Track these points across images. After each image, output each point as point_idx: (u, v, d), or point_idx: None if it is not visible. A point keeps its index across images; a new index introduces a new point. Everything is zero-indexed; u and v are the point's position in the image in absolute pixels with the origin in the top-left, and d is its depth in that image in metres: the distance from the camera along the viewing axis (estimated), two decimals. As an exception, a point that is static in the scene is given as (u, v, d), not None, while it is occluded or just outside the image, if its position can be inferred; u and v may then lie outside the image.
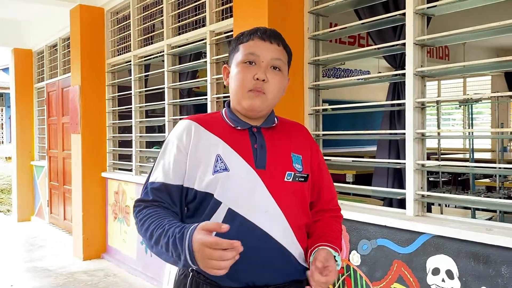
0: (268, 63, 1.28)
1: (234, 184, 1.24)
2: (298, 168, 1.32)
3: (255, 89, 1.27)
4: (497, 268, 1.90)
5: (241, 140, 1.30)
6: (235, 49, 1.33)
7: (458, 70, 2.35)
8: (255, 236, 1.23)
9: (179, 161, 1.27)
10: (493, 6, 2.28)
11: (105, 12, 4.96)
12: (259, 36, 1.30)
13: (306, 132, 1.46)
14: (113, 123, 4.95)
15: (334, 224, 1.40)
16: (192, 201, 1.28)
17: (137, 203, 1.29)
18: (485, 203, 2.13)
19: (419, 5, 2.23)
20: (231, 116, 1.34)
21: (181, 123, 1.35)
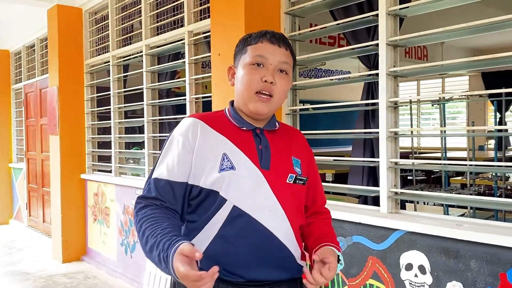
0: (276, 66, 1.30)
1: (239, 182, 1.27)
2: (298, 171, 1.36)
3: (262, 91, 1.29)
4: (467, 262, 1.96)
5: (246, 140, 1.33)
6: (242, 50, 1.35)
7: (430, 70, 2.40)
8: (259, 234, 1.26)
9: (184, 159, 1.28)
10: (470, 6, 2.33)
11: (83, 12, 4.92)
12: (268, 39, 1.32)
13: (303, 138, 1.50)
14: (92, 124, 4.92)
15: (329, 226, 1.47)
16: (195, 198, 1.30)
17: (138, 200, 1.30)
18: (455, 199, 2.19)
19: (392, 6, 2.28)
20: (235, 116, 1.36)
21: (186, 120, 1.35)
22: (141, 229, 1.22)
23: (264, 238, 1.27)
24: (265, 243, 1.27)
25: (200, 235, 1.29)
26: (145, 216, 1.24)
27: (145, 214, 1.24)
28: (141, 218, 1.24)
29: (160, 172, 1.30)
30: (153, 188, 1.29)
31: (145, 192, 1.31)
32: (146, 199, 1.29)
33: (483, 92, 3.42)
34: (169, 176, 1.28)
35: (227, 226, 1.26)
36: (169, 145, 1.34)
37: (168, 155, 1.32)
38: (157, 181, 1.29)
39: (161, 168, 1.31)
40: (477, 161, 3.08)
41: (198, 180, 1.28)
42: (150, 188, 1.30)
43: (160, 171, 1.30)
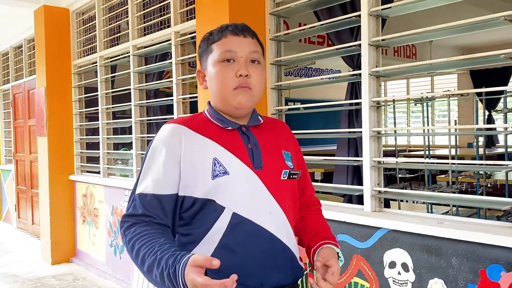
0: (247, 57, 1.25)
1: (235, 187, 1.20)
2: (290, 165, 1.31)
3: (240, 86, 1.23)
4: (448, 259, 1.98)
5: (234, 140, 1.26)
6: (207, 50, 1.29)
7: (412, 69, 2.43)
8: (263, 239, 1.21)
9: (170, 169, 1.20)
10: (457, 5, 2.35)
11: (70, 13, 4.90)
12: (232, 32, 1.26)
13: (288, 128, 1.45)
14: (80, 125, 4.90)
15: (321, 218, 1.43)
16: (188, 209, 1.22)
17: (124, 219, 1.21)
18: (437, 198, 2.22)
19: (374, 7, 2.30)
20: (217, 117, 1.28)
21: (165, 127, 1.27)
22: (133, 248, 1.14)
23: (268, 242, 1.22)
24: (270, 247, 1.22)
25: (198, 248, 1.21)
26: (136, 234, 1.15)
27: (135, 233, 1.16)
28: (131, 238, 1.16)
29: (145, 186, 1.21)
30: (139, 204, 1.20)
31: (130, 210, 1.22)
32: (133, 216, 1.20)
33: (464, 91, 3.46)
34: (156, 190, 1.20)
35: (229, 235, 1.19)
36: (151, 156, 1.24)
37: (151, 167, 1.23)
38: (142, 196, 1.20)
39: (146, 181, 1.22)
40: (463, 159, 3.13)
41: (190, 190, 1.20)
42: (135, 204, 1.21)
43: (144, 185, 1.22)
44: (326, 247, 1.27)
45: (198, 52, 1.34)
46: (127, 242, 1.17)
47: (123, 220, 1.21)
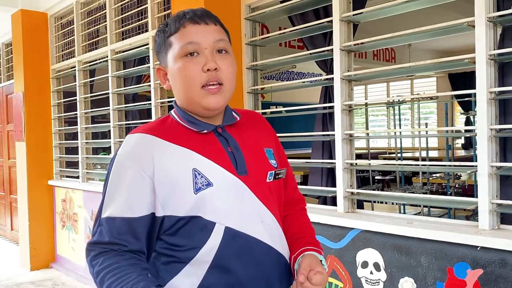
0: (213, 47, 1.08)
1: (222, 198, 1.07)
2: (274, 164, 1.19)
3: (209, 82, 1.07)
4: (418, 258, 2.04)
5: (211, 145, 1.11)
6: (164, 44, 1.12)
7: (383, 74, 2.49)
8: (259, 252, 1.10)
9: (141, 188, 1.04)
10: (433, 10, 2.40)
11: (48, 17, 4.87)
12: (190, 20, 1.09)
13: (265, 120, 1.30)
14: (59, 129, 4.87)
15: (306, 219, 1.31)
16: (169, 229, 1.07)
17: (91, 247, 1.06)
18: (406, 198, 2.28)
19: (345, 12, 2.35)
20: (187, 118, 1.13)
21: (131, 138, 1.09)
22: (103, 283, 1.01)
23: (264, 254, 1.11)
24: (266, 260, 1.11)
25: (187, 269, 1.08)
26: (105, 267, 1.02)
27: (104, 265, 1.02)
28: (99, 271, 1.02)
29: (112, 210, 1.05)
30: (106, 231, 1.04)
31: (96, 236, 1.06)
32: (99, 244, 1.05)
33: (434, 94, 3.54)
34: (125, 212, 1.04)
35: (223, 253, 1.06)
36: (117, 174, 1.07)
37: (118, 186, 1.06)
38: (109, 220, 1.04)
39: (113, 203, 1.05)
40: (441, 161, 3.21)
41: (171, 209, 1.05)
42: (101, 230, 1.05)
43: (111, 208, 1.05)
44: (308, 254, 1.17)
45: (154, 48, 1.16)
46: (94, 274, 1.04)
47: (89, 248, 1.06)
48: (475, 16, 1.89)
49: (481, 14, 1.87)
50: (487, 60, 1.87)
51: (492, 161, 1.89)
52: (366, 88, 10.69)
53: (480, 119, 1.89)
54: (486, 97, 1.88)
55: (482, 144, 1.89)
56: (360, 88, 10.85)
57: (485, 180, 1.88)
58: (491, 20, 1.88)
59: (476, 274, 1.87)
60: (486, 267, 1.83)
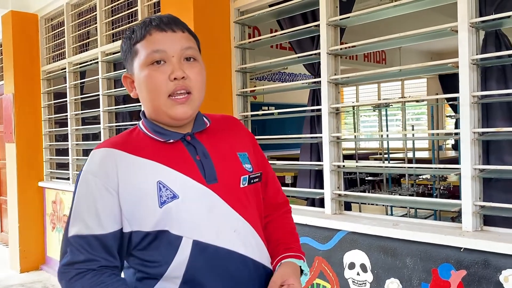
0: (180, 55, 1.06)
1: (189, 210, 1.04)
2: (249, 169, 1.15)
3: (176, 91, 1.05)
4: (403, 260, 2.07)
5: (178, 155, 1.08)
6: (129, 51, 1.09)
7: (370, 77, 2.52)
8: (232, 263, 1.07)
9: (108, 203, 1.02)
10: (422, 13, 2.41)
11: (39, 19, 4.86)
12: (156, 27, 1.06)
13: (239, 123, 1.27)
14: (49, 131, 4.86)
15: (288, 224, 1.27)
16: (138, 245, 1.05)
17: (64, 269, 1.02)
18: (392, 200, 2.31)
19: (332, 17, 2.38)
20: (154, 128, 1.10)
21: (95, 154, 1.07)
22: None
23: (238, 265, 1.07)
24: (241, 270, 1.08)
25: (160, 285, 1.06)
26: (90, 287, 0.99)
27: (88, 286, 0.99)
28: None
29: (79, 227, 1.02)
30: (78, 249, 1.01)
31: (68, 257, 1.01)
32: (74, 265, 1.01)
33: (419, 97, 3.59)
34: (94, 229, 1.01)
35: (193, 267, 1.04)
36: (83, 190, 1.04)
37: (85, 204, 1.03)
38: (79, 239, 1.01)
39: (81, 221, 1.02)
40: (430, 163, 3.25)
41: (137, 224, 1.03)
42: (73, 250, 1.01)
43: (79, 226, 1.02)
44: (286, 262, 1.14)
45: (121, 54, 1.14)
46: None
47: (63, 271, 1.02)
48: (458, 22, 1.93)
49: (463, 20, 1.91)
50: (470, 65, 1.91)
51: (475, 164, 1.93)
52: (357, 89, 10.75)
53: (463, 122, 1.93)
54: (469, 100, 1.91)
55: (465, 147, 1.92)
56: (351, 89, 10.91)
57: (468, 182, 1.92)
58: (473, 25, 1.92)
59: (460, 275, 1.90)
60: (469, 268, 1.87)
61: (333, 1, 2.39)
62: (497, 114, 1.96)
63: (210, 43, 2.71)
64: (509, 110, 1.96)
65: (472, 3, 1.92)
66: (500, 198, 1.95)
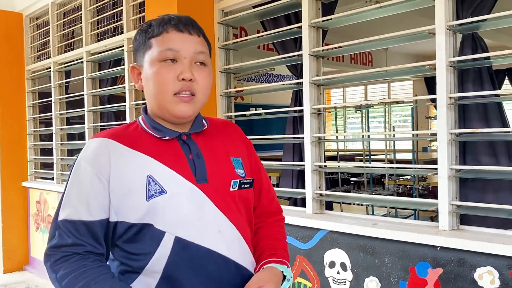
0: (192, 58, 1.09)
1: (176, 207, 1.05)
2: (241, 174, 1.17)
3: (182, 91, 1.07)
4: (382, 258, 2.10)
5: (172, 152, 1.10)
6: (144, 44, 1.11)
7: (351, 79, 2.55)
8: (213, 264, 1.07)
9: (98, 191, 1.04)
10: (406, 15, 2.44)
11: (23, 18, 4.83)
12: (175, 27, 1.08)
13: (238, 129, 1.29)
14: (34, 131, 4.83)
15: (278, 231, 1.27)
16: (122, 237, 1.07)
17: (51, 251, 1.04)
18: (372, 200, 2.34)
19: (314, 18, 2.41)
20: (152, 125, 1.13)
21: (91, 142, 1.10)
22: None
23: (219, 266, 1.08)
24: (221, 272, 1.08)
25: (140, 279, 1.07)
26: (71, 271, 1.00)
27: (69, 270, 1.01)
28: (63, 275, 1.00)
29: (70, 212, 1.04)
30: (66, 233, 1.03)
31: (56, 240, 1.04)
32: (61, 248, 1.03)
33: (399, 99, 3.65)
34: (83, 215, 1.04)
35: (173, 263, 1.05)
36: (76, 177, 1.07)
37: (77, 189, 1.06)
38: (68, 223, 1.03)
39: (71, 206, 1.05)
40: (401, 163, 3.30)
41: (123, 215, 1.05)
42: (61, 233, 1.03)
43: (69, 211, 1.05)
44: (267, 267, 1.14)
45: (134, 45, 1.16)
46: (58, 279, 1.01)
47: (49, 253, 1.04)
48: (435, 24, 1.96)
49: (441, 23, 1.95)
50: (447, 67, 1.95)
51: (452, 164, 1.97)
52: (344, 90, 10.83)
53: (440, 123, 1.96)
54: (446, 102, 1.95)
55: (442, 148, 1.96)
56: (338, 91, 10.99)
57: (445, 182, 1.95)
58: (450, 28, 1.96)
59: (437, 273, 1.94)
60: (445, 266, 1.90)
61: (315, 3, 2.42)
62: (473, 116, 2.00)
63: (194, 44, 2.72)
64: (485, 111, 2.01)
65: (450, 6, 1.96)
66: (476, 198, 2.00)
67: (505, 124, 2.02)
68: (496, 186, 2.01)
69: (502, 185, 2.01)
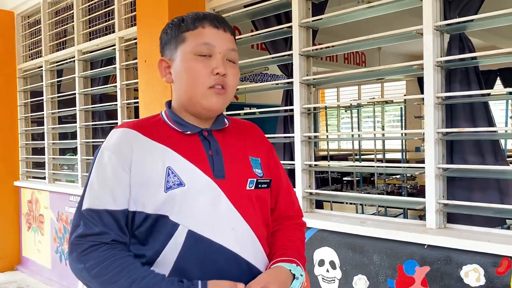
0: (225, 54, 1.11)
1: (192, 200, 1.06)
2: (259, 173, 1.17)
3: (216, 85, 1.09)
4: (370, 256, 2.12)
5: (193, 147, 1.11)
6: (177, 38, 1.11)
7: (340, 78, 2.57)
8: (224, 260, 1.07)
9: (121, 180, 1.05)
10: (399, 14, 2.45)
11: (15, 16, 4.81)
12: (211, 23, 1.10)
13: (259, 131, 1.30)
14: (25, 130, 4.81)
15: (293, 234, 1.25)
16: (139, 227, 1.07)
17: (77, 240, 1.03)
18: (360, 198, 2.36)
19: (304, 18, 2.42)
20: (175, 119, 1.14)
21: (115, 132, 1.12)
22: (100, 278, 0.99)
23: (230, 263, 1.07)
24: (232, 269, 1.07)
25: (153, 270, 1.06)
26: (101, 261, 1.00)
27: (99, 260, 1.00)
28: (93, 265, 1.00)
29: (93, 201, 1.05)
30: (91, 221, 1.03)
31: (82, 229, 1.03)
32: (88, 237, 1.02)
33: (387, 99, 3.67)
34: (107, 204, 1.04)
35: (184, 256, 1.05)
36: (98, 166, 1.08)
37: (100, 179, 1.07)
38: (92, 212, 1.04)
39: (94, 195, 1.06)
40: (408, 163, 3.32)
41: (140, 205, 1.05)
42: (86, 222, 1.03)
43: (92, 200, 1.06)
44: (274, 267, 1.13)
45: (162, 38, 1.16)
46: (86, 269, 1.00)
47: (75, 243, 1.03)
48: (423, 25, 1.98)
49: (428, 23, 1.96)
50: (434, 67, 1.96)
51: (439, 163, 1.99)
52: (338, 90, 10.86)
53: (427, 122, 1.98)
54: (433, 101, 1.97)
55: (429, 147, 1.98)
56: (332, 91, 11.02)
57: (432, 181, 1.97)
58: (438, 28, 1.97)
59: (424, 271, 1.96)
60: (433, 264, 1.92)
61: (305, 3, 2.44)
62: (460, 115, 2.02)
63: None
64: (472, 111, 2.03)
65: (437, 7, 1.98)
66: (463, 197, 2.02)
67: (491, 123, 2.05)
68: (483, 185, 2.04)
69: (489, 184, 2.03)
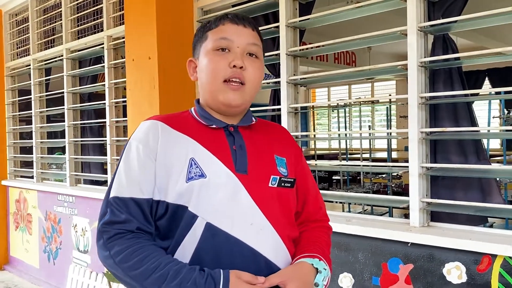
0: (244, 49, 1.12)
1: (212, 192, 1.06)
2: (283, 172, 1.15)
3: (231, 78, 1.10)
4: (355, 254, 2.14)
5: (217, 140, 1.12)
6: (202, 38, 1.16)
7: (327, 78, 2.59)
8: (241, 255, 1.06)
9: (147, 170, 1.07)
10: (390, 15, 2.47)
11: (3, 14, 4.78)
12: (231, 20, 1.14)
13: (288, 134, 1.30)
14: (13, 129, 4.78)
15: (319, 235, 1.23)
16: (162, 217, 1.08)
17: (104, 227, 1.05)
18: (345, 197, 2.38)
19: (291, 18, 2.44)
20: (202, 114, 1.15)
21: (144, 124, 1.14)
22: (127, 266, 1.00)
23: (247, 259, 1.06)
24: (249, 264, 1.05)
25: None
26: (127, 247, 1.02)
27: (125, 246, 1.02)
28: (119, 251, 1.01)
29: (120, 189, 1.07)
30: (118, 209, 1.05)
31: (108, 216, 1.06)
32: (114, 225, 1.04)
33: (371, 99, 3.72)
34: (132, 192, 1.06)
35: (202, 249, 1.05)
36: (127, 155, 1.11)
37: (127, 168, 1.09)
38: (118, 200, 1.06)
39: (121, 184, 1.08)
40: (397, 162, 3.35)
41: (163, 194, 1.07)
42: (113, 210, 1.06)
43: (119, 188, 1.08)
44: (296, 263, 1.11)
45: (193, 41, 1.21)
46: (112, 256, 1.02)
47: (103, 230, 1.05)
48: (407, 25, 2.01)
49: (412, 24, 1.99)
50: (418, 67, 1.99)
51: (422, 162, 2.01)
52: (329, 90, 10.91)
53: (411, 122, 2.01)
54: (417, 101, 1.99)
55: (413, 146, 2.00)
56: (323, 91, 11.07)
57: (415, 180, 2.00)
58: (422, 29, 2.00)
59: (408, 268, 1.98)
60: (416, 262, 1.95)
61: (292, 3, 2.45)
62: (444, 115, 2.05)
63: (173, 42, 2.73)
64: (455, 111, 2.06)
65: (421, 8, 2.00)
66: (446, 195, 2.05)
67: (474, 123, 2.08)
68: (465, 184, 2.07)
69: (471, 183, 2.06)
